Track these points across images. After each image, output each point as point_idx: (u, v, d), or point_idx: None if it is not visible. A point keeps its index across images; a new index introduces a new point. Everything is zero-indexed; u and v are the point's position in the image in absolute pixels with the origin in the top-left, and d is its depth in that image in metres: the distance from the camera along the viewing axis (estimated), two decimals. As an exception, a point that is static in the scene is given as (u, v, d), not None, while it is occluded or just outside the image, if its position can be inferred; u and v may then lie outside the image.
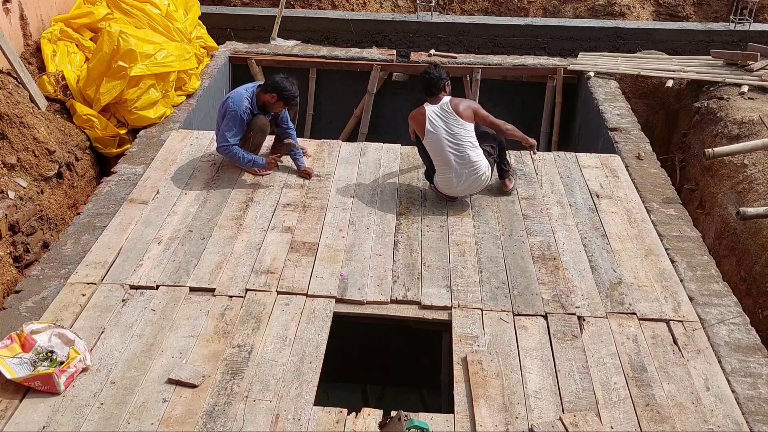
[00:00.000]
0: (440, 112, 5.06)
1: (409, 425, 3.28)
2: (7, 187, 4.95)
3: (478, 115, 5.14)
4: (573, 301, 4.24)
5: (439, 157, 5.10)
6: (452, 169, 5.05)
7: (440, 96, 5.13)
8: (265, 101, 5.35)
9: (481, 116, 5.16)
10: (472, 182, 5.10)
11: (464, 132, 5.03)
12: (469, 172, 5.05)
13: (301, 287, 4.31)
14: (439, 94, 5.13)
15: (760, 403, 3.53)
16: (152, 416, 3.37)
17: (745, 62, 7.21)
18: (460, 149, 5.02)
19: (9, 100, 5.43)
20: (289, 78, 5.35)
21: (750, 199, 5.31)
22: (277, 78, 5.33)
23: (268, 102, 5.35)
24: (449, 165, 5.05)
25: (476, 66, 8.00)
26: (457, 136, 5.02)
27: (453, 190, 5.17)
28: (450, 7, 9.41)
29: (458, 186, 5.11)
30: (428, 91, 5.16)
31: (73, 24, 6.71)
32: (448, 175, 5.09)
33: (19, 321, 3.90)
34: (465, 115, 5.06)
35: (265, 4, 8.98)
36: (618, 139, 6.30)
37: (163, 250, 4.62)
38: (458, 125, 5.02)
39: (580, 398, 3.55)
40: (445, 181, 5.13)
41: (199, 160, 5.74)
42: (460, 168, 5.04)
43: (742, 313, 4.15)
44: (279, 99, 5.31)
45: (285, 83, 5.29)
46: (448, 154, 5.03)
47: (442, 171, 5.12)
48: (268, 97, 5.32)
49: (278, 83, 5.28)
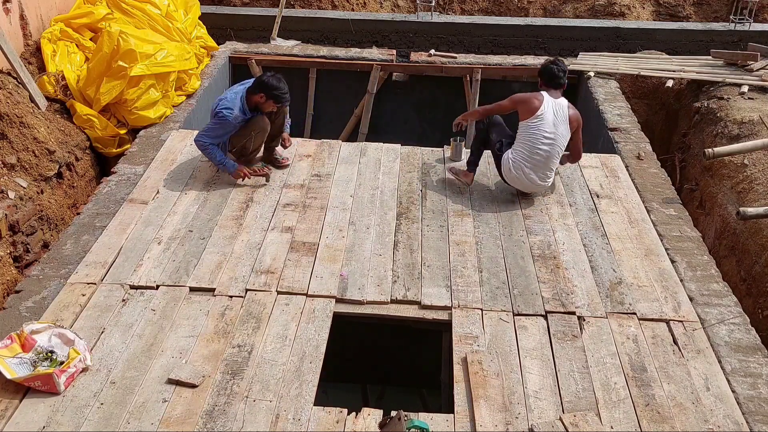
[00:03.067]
0: (557, 109, 5.10)
1: (409, 425, 3.28)
2: (7, 187, 4.96)
3: (577, 133, 5.23)
4: (573, 301, 4.24)
5: (529, 144, 5.10)
6: (532, 162, 5.11)
7: (559, 91, 5.20)
8: (256, 102, 5.25)
9: (578, 136, 5.25)
10: (539, 183, 5.19)
11: (563, 139, 5.13)
12: (542, 172, 5.14)
13: (301, 287, 4.31)
14: (559, 89, 5.20)
15: (760, 403, 3.53)
16: (152, 416, 3.37)
17: (745, 62, 7.21)
18: (552, 150, 5.09)
19: (9, 100, 5.43)
20: (275, 75, 5.24)
21: (750, 199, 5.31)
22: (264, 77, 5.22)
23: (258, 102, 5.24)
24: (531, 156, 5.10)
25: (476, 66, 8.00)
26: (557, 138, 5.09)
27: (519, 179, 5.19)
28: (450, 7, 9.41)
29: (525, 179, 5.16)
30: (551, 81, 5.17)
31: (73, 24, 6.71)
32: (523, 163, 5.12)
33: (19, 321, 3.90)
34: (573, 125, 5.14)
35: (265, 4, 8.98)
36: (618, 139, 6.30)
37: (163, 250, 4.62)
38: (564, 131, 5.10)
39: (580, 398, 3.55)
40: (518, 168, 5.14)
41: (199, 160, 5.73)
42: (540, 164, 5.11)
43: (742, 313, 4.15)
44: (268, 98, 5.20)
45: (272, 81, 5.17)
46: (538, 145, 5.07)
47: (520, 158, 5.13)
48: (257, 98, 5.21)
49: (264, 82, 5.18)
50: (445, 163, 5.85)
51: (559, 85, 5.18)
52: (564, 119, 5.09)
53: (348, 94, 8.17)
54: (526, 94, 5.23)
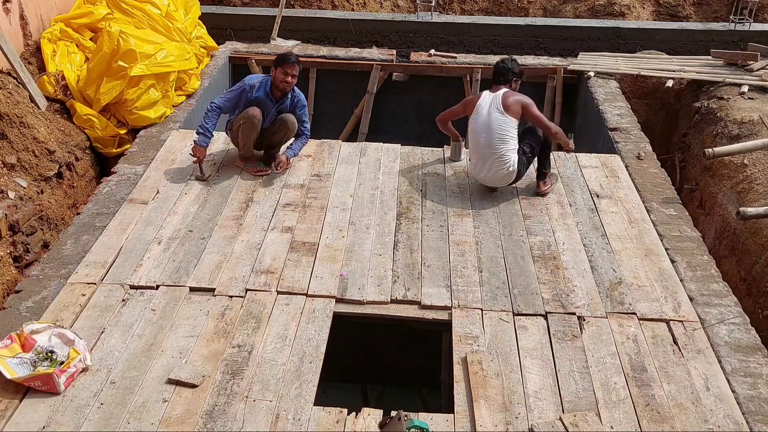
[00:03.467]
0: (491, 100, 5.24)
1: (409, 425, 3.28)
2: (7, 187, 4.96)
3: (528, 111, 5.25)
4: (573, 301, 4.24)
5: (472, 139, 5.35)
6: (479, 154, 5.28)
7: (500, 87, 5.31)
8: (275, 79, 5.35)
9: (531, 113, 5.26)
10: (495, 173, 5.24)
11: (502, 125, 5.17)
12: (493, 162, 5.20)
13: (301, 287, 4.31)
14: (501, 85, 5.32)
15: (760, 403, 3.53)
16: (152, 416, 3.37)
17: (745, 62, 7.20)
18: (490, 138, 5.17)
19: (9, 100, 5.43)
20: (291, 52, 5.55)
21: (750, 199, 5.31)
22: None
23: (277, 78, 5.34)
24: (477, 149, 5.29)
25: (476, 66, 8.00)
26: (493, 126, 5.16)
27: (478, 176, 5.38)
28: (450, 7, 9.41)
29: (482, 173, 5.33)
30: (495, 78, 5.40)
31: (73, 24, 6.71)
32: (475, 159, 5.35)
33: (19, 321, 3.90)
34: (512, 109, 5.19)
35: (265, 4, 8.99)
36: (618, 139, 6.30)
37: (163, 250, 4.62)
38: (499, 117, 5.17)
39: (580, 398, 3.55)
40: (473, 164, 5.42)
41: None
42: (485, 155, 5.21)
43: (742, 313, 4.15)
44: (276, 66, 5.34)
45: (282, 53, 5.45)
46: (478, 138, 5.23)
47: (471, 154, 5.42)
48: (276, 72, 5.34)
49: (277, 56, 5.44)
50: (445, 163, 5.85)
51: (499, 81, 5.34)
52: (497, 106, 5.18)
53: (348, 94, 8.17)
54: (470, 100, 5.50)
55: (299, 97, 5.58)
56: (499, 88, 5.31)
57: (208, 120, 5.38)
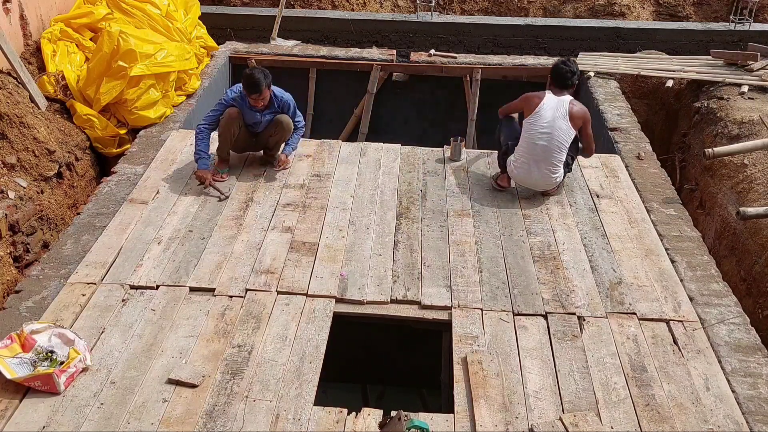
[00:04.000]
0: (556, 105, 5.13)
1: (409, 425, 3.28)
2: (7, 187, 4.96)
3: (585, 128, 5.24)
4: (573, 301, 4.24)
5: (528, 140, 5.17)
6: (533, 156, 5.15)
7: (564, 92, 5.22)
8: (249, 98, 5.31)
9: (587, 130, 5.26)
10: (544, 178, 5.20)
11: (564, 134, 5.12)
12: (545, 167, 5.15)
13: (301, 287, 4.31)
14: (564, 90, 5.22)
15: (760, 403, 3.53)
16: (152, 416, 3.37)
17: (745, 62, 7.20)
18: (550, 144, 5.11)
19: (9, 100, 5.43)
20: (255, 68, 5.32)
21: (750, 199, 5.31)
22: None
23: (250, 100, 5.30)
24: (532, 151, 5.15)
25: (476, 66, 8.00)
26: (555, 133, 5.10)
27: (521, 175, 5.26)
28: (450, 7, 9.41)
29: (529, 175, 5.21)
30: (558, 82, 5.23)
31: (73, 24, 6.71)
32: (525, 159, 5.19)
33: (19, 321, 3.90)
34: (575, 121, 5.15)
35: (265, 4, 8.99)
36: (618, 139, 6.30)
37: (163, 250, 4.62)
38: (563, 125, 5.10)
39: (580, 398, 3.55)
40: (519, 163, 5.23)
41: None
42: (539, 159, 5.14)
43: (742, 313, 4.15)
44: (245, 89, 5.24)
45: (245, 72, 5.22)
46: (536, 141, 5.12)
47: (522, 155, 5.21)
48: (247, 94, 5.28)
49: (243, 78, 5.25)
50: (445, 163, 5.85)
51: (565, 86, 5.20)
52: (563, 115, 5.09)
53: (348, 94, 8.17)
54: (531, 93, 5.30)
55: (283, 99, 5.51)
56: (562, 92, 5.19)
57: (201, 142, 5.38)
